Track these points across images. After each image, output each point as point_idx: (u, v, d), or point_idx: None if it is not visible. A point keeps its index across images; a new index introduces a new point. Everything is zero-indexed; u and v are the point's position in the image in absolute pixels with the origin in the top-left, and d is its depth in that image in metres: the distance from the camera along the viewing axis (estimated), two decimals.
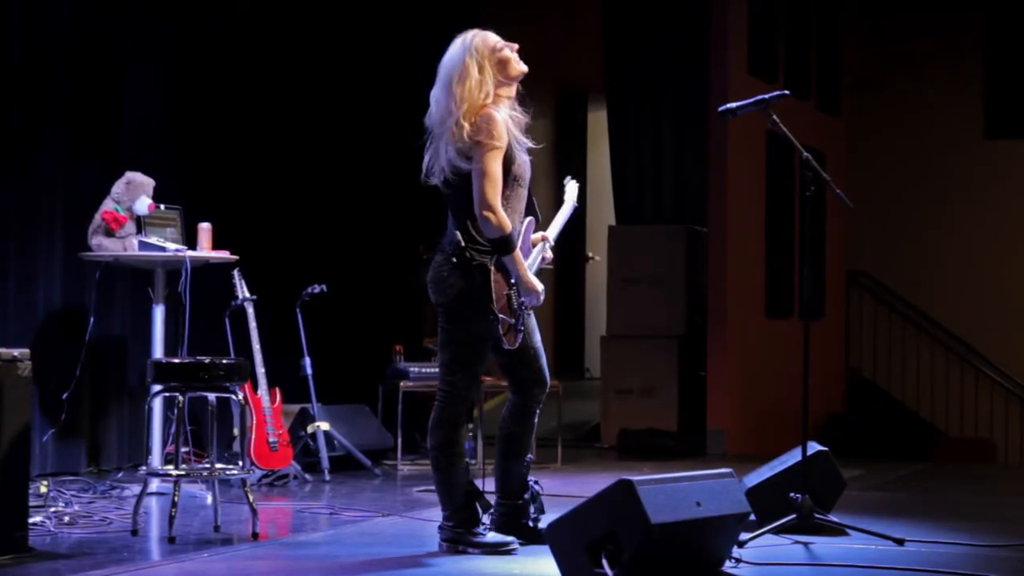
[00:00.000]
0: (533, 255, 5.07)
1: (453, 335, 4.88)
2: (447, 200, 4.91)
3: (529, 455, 5.08)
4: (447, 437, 4.91)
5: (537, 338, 5.03)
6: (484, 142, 4.74)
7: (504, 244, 4.76)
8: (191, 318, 6.55)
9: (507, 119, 4.81)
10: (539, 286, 4.85)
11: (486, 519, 4.95)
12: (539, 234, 5.16)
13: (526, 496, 5.05)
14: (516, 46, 4.93)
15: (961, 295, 12.34)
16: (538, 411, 5.07)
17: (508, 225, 4.75)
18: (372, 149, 9.07)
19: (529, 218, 5.01)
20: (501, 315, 4.76)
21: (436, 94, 4.87)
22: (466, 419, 5.06)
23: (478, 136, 4.74)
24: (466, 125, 4.75)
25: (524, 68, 4.92)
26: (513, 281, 4.81)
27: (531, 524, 5.02)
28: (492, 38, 4.90)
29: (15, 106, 6.90)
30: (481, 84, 4.80)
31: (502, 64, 4.86)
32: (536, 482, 5.11)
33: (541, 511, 5.06)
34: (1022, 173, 12.34)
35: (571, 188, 5.49)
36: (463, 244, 4.79)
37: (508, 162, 4.81)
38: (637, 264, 10.26)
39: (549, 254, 5.20)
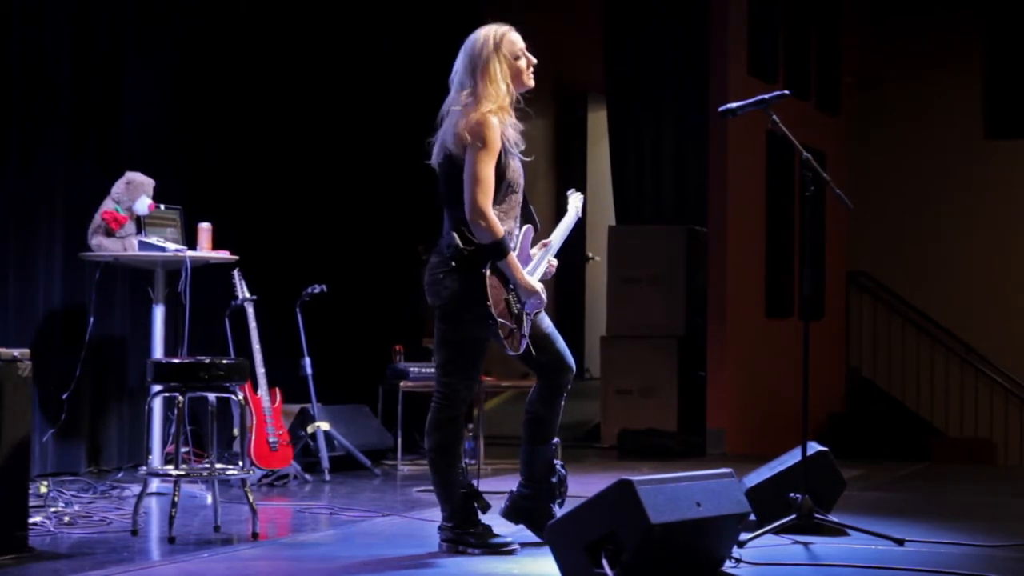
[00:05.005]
0: (535, 262, 5.02)
1: (449, 336, 4.87)
2: (440, 192, 4.89)
3: (556, 438, 5.05)
4: (445, 438, 4.89)
5: (547, 324, 4.98)
6: (477, 147, 4.74)
7: (497, 249, 4.75)
8: (191, 318, 6.54)
9: (502, 125, 4.80)
10: (538, 287, 4.85)
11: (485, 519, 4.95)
12: (541, 242, 5.14)
13: (552, 480, 5.02)
14: (534, 61, 4.93)
15: (961, 295, 12.35)
16: (565, 395, 5.01)
17: (500, 230, 4.74)
18: (372, 149, 9.07)
19: (527, 226, 5.00)
20: (501, 319, 4.76)
21: (459, 76, 4.87)
22: (465, 419, 5.03)
23: (472, 139, 4.74)
24: (472, 120, 4.75)
25: (531, 84, 4.93)
26: (512, 286, 4.80)
27: (555, 508, 4.99)
28: (517, 45, 4.89)
29: (15, 106, 6.90)
30: (507, 89, 4.82)
31: (515, 74, 4.87)
32: (562, 465, 5.07)
33: (563, 494, 5.03)
34: (1022, 173, 12.34)
35: (574, 199, 5.44)
36: (461, 247, 4.78)
37: (502, 169, 4.80)
38: (637, 264, 10.26)
39: (554, 263, 5.14)
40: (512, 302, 4.80)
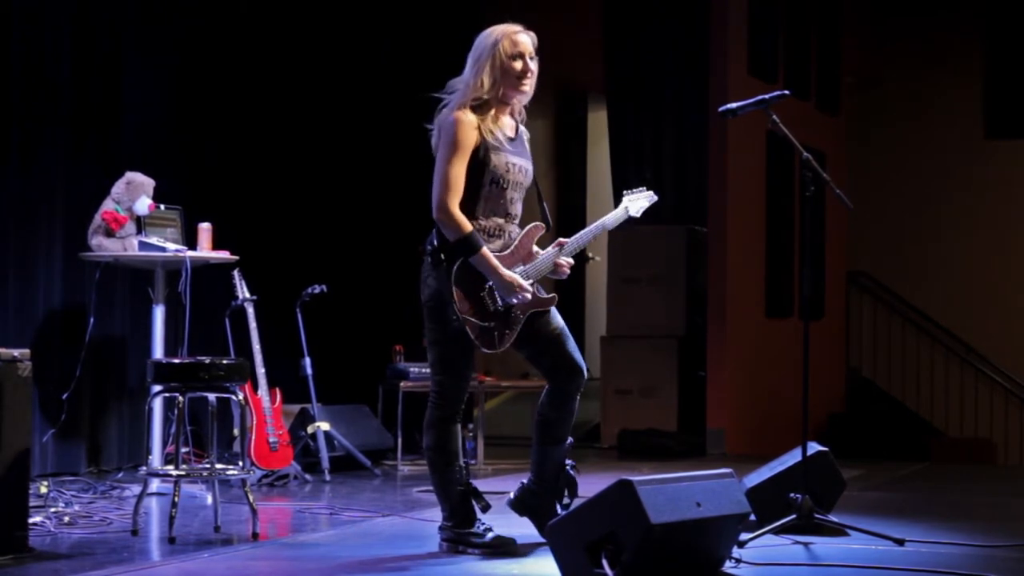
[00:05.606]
0: (538, 260, 4.93)
1: (435, 335, 4.86)
2: None
3: (569, 439, 5.03)
4: (440, 437, 4.89)
5: (558, 325, 4.94)
6: (444, 144, 4.74)
7: (466, 245, 4.70)
8: (191, 318, 6.55)
9: (478, 121, 4.76)
10: (516, 282, 4.75)
11: (485, 519, 4.95)
12: (558, 240, 5.03)
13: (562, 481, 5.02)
14: (533, 68, 4.85)
15: (961, 295, 12.35)
16: (576, 398, 4.98)
17: (466, 226, 4.70)
18: (372, 149, 9.07)
19: (536, 223, 4.96)
20: (466, 317, 4.74)
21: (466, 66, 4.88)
22: (462, 419, 5.02)
23: (442, 136, 4.75)
24: (443, 117, 4.76)
25: (525, 91, 4.85)
26: (490, 284, 4.78)
27: (559, 507, 4.98)
28: (519, 47, 4.82)
29: (15, 106, 6.90)
30: (493, 85, 4.79)
31: (508, 73, 4.81)
32: (573, 466, 5.06)
33: (573, 495, 5.02)
34: (1022, 173, 12.35)
35: (630, 200, 5.31)
36: (436, 245, 4.79)
37: (480, 164, 4.77)
38: (637, 264, 10.26)
39: (564, 262, 4.99)
40: (487, 300, 4.78)
